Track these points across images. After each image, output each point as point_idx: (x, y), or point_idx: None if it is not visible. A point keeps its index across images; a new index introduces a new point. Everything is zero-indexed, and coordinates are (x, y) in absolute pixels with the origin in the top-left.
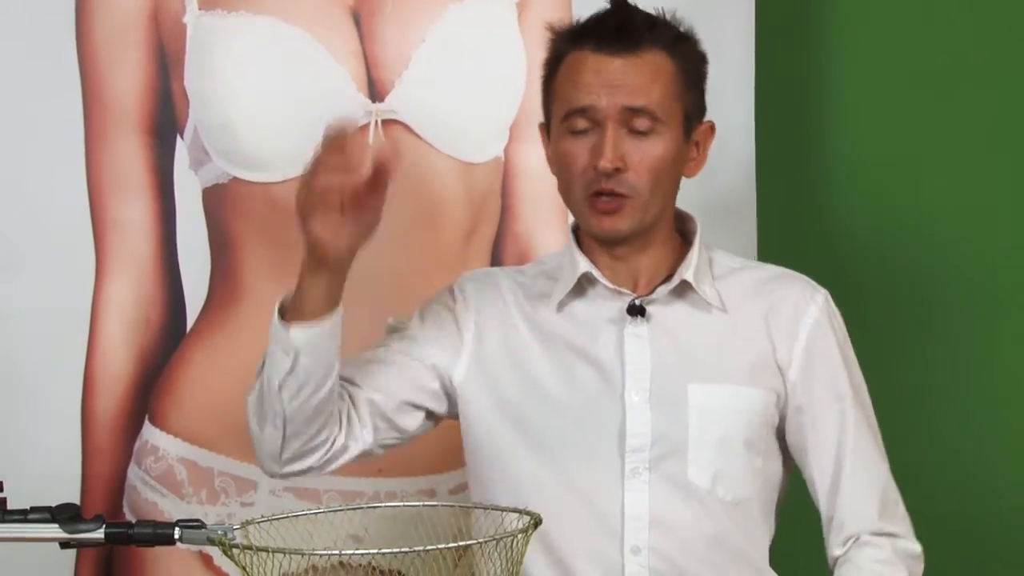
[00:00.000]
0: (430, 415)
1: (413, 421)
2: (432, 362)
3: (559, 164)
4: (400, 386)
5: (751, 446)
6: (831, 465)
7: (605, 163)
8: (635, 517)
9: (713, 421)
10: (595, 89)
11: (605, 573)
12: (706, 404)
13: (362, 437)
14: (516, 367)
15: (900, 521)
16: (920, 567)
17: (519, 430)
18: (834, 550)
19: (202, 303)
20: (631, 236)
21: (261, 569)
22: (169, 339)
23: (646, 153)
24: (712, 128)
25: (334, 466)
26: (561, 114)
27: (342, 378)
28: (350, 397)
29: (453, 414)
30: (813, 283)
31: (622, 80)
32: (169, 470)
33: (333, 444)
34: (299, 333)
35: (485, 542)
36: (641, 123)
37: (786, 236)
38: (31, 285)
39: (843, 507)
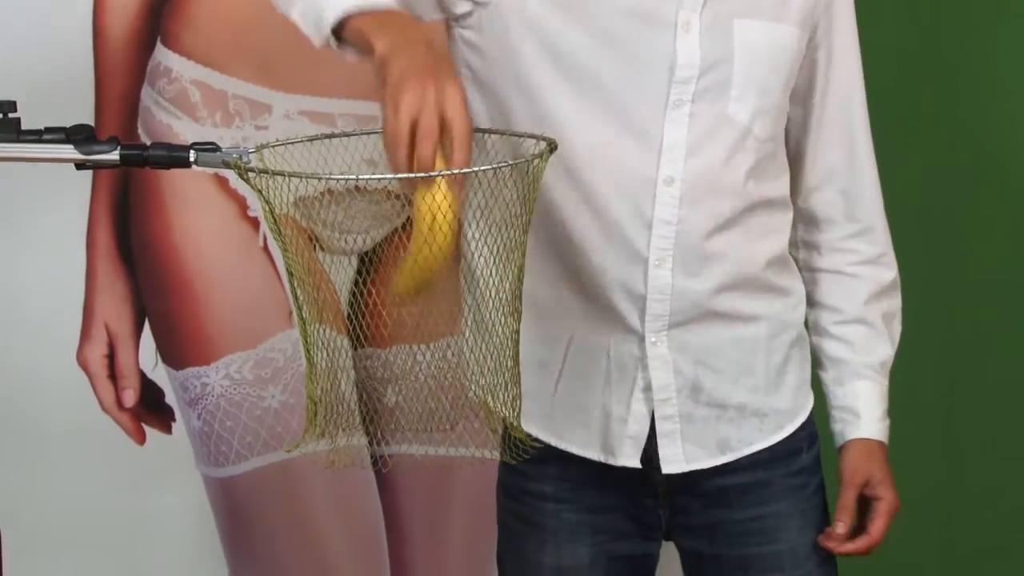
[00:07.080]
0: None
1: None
2: None
3: None
4: None
5: (786, 85)
6: (844, 115)
7: None
8: (672, 147)
9: (758, 57)
10: None
11: (635, 203)
12: (752, 40)
13: None
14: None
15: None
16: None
17: (559, 64)
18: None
19: None
20: None
21: (276, 193)
22: None
23: None
24: None
25: None
26: None
27: None
28: None
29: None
30: None
31: None
32: (183, 92)
33: None
34: None
35: (500, 167)
36: None
37: None
38: None
39: (858, 193)
